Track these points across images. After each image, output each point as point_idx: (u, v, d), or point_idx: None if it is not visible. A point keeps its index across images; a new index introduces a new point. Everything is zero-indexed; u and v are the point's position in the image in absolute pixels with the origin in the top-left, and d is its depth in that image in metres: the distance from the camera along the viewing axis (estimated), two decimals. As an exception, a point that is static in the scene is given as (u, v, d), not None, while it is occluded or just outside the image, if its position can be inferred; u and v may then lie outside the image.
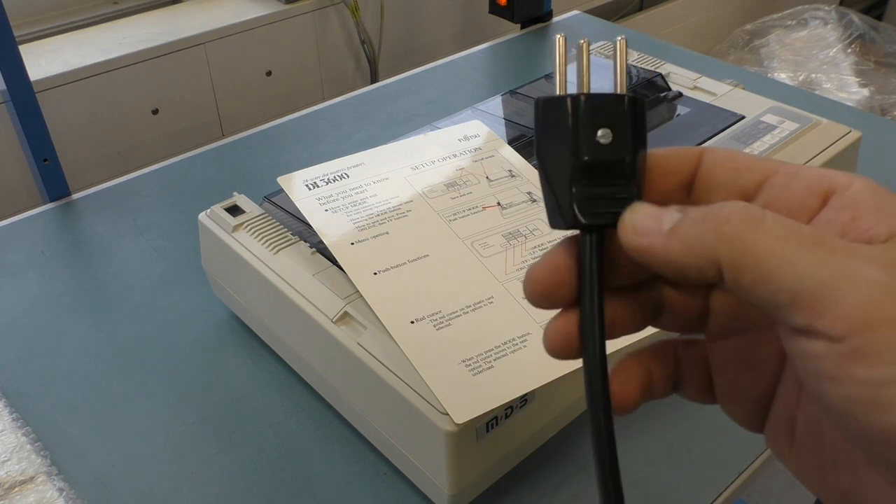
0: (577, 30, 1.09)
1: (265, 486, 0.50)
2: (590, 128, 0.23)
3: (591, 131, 0.23)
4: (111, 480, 0.50)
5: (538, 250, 0.50)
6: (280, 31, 1.09)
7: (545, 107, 0.24)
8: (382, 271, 0.49)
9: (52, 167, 0.75)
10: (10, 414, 0.54)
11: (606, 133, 0.23)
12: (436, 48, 1.30)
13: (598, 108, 0.24)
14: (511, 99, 0.73)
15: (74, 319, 0.63)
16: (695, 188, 0.24)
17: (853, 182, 0.21)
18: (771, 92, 0.74)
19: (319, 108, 0.91)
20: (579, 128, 0.23)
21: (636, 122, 0.24)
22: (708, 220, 0.20)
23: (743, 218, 0.20)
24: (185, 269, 0.67)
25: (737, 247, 0.20)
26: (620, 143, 0.23)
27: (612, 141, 0.23)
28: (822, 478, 0.22)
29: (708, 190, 0.23)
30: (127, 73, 0.96)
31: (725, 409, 0.25)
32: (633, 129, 0.24)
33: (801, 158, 0.62)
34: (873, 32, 1.83)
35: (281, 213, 0.57)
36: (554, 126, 0.24)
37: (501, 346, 0.44)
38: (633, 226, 0.22)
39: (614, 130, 0.23)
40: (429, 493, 0.47)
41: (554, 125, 0.24)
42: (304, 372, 0.55)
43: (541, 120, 0.24)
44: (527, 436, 0.48)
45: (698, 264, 0.21)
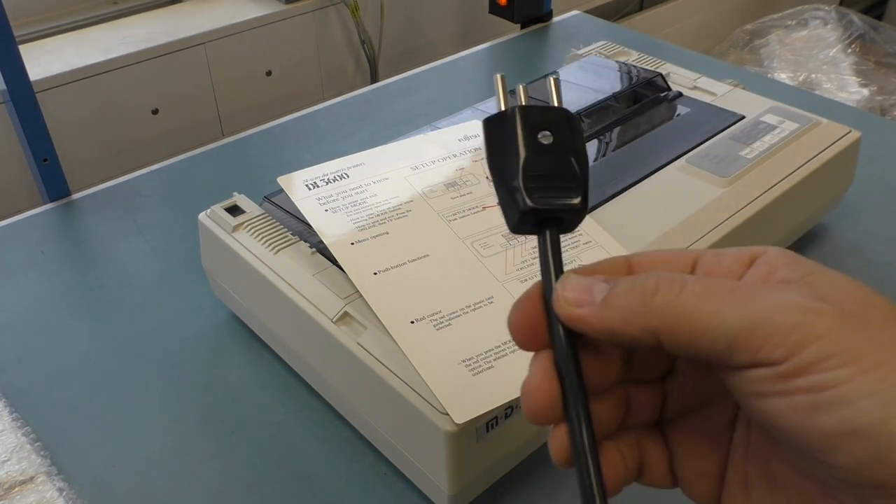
0: (577, 30, 1.09)
1: (265, 486, 0.50)
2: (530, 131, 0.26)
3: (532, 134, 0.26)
4: (111, 480, 0.50)
5: (538, 250, 0.50)
6: (280, 31, 1.09)
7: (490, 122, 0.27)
8: (382, 271, 0.49)
9: (52, 167, 0.75)
10: (10, 414, 0.54)
11: (546, 135, 0.26)
12: (436, 48, 1.29)
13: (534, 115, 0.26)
14: (511, 99, 0.73)
15: (74, 319, 0.63)
16: None
17: (769, 249, 0.24)
18: (771, 92, 0.74)
19: (319, 108, 0.91)
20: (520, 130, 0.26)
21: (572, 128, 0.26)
22: (636, 291, 0.23)
23: (667, 286, 0.22)
24: (185, 269, 0.67)
25: (667, 313, 0.22)
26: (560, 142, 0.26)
27: (553, 141, 0.26)
28: None
29: None
30: (127, 73, 0.96)
31: (685, 490, 0.27)
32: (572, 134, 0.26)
33: (802, 158, 0.62)
34: (873, 32, 1.83)
35: (281, 213, 0.57)
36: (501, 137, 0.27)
37: (501, 346, 0.44)
38: (565, 297, 0.24)
39: (553, 133, 0.26)
40: (429, 493, 0.47)
41: (501, 136, 0.27)
42: (304, 372, 0.55)
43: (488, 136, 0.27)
44: (527, 436, 0.48)
45: (634, 333, 0.22)
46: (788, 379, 0.20)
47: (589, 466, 0.23)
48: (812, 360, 0.20)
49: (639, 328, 0.22)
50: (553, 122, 0.26)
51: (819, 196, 0.66)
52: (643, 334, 0.22)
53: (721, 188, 0.59)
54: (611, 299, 0.23)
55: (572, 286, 0.24)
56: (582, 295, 0.23)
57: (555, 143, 0.26)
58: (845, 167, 0.67)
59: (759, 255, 0.24)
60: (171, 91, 1.02)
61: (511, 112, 0.26)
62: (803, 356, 0.20)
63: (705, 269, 0.25)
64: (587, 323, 0.23)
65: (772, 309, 0.21)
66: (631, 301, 0.23)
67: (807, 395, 0.20)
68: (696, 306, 0.22)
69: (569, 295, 0.24)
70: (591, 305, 0.23)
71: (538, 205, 0.25)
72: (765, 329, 0.20)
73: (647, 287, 0.22)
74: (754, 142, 0.63)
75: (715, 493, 0.26)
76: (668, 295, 0.22)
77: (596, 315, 0.23)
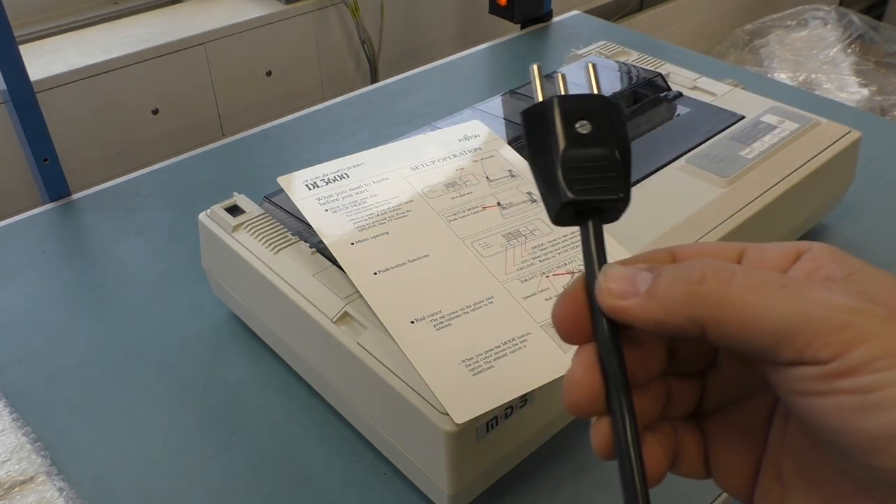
0: (577, 30, 1.09)
1: (265, 486, 0.50)
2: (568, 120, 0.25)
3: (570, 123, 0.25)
4: (111, 480, 0.50)
5: (538, 250, 0.50)
6: (280, 31, 1.09)
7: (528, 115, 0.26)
8: (382, 271, 0.49)
9: (52, 167, 0.75)
10: (10, 414, 0.54)
11: (584, 124, 0.25)
12: (436, 48, 1.29)
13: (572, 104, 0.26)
14: (511, 99, 0.73)
15: (74, 319, 0.63)
16: None
17: (815, 244, 0.24)
18: (771, 92, 0.74)
19: (319, 108, 0.91)
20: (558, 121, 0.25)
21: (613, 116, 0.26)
22: (682, 280, 0.22)
23: (715, 275, 0.22)
24: (185, 269, 0.67)
25: (715, 303, 0.21)
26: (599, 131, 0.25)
27: (592, 130, 0.25)
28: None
29: None
30: (127, 73, 0.96)
31: (718, 481, 0.27)
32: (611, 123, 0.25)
33: (802, 158, 0.62)
34: (873, 32, 1.83)
35: (281, 213, 0.57)
36: (539, 128, 0.26)
37: (501, 346, 0.44)
38: (608, 289, 0.23)
39: (592, 122, 0.25)
40: (429, 493, 0.47)
41: (539, 127, 0.26)
42: (304, 372, 0.55)
43: (527, 127, 0.26)
44: (527, 436, 0.48)
45: (679, 323, 0.22)
46: (835, 379, 0.20)
47: (632, 461, 0.23)
48: (860, 362, 0.20)
49: (684, 318, 0.22)
50: (592, 110, 0.26)
51: (819, 196, 0.66)
52: (689, 325, 0.22)
53: (721, 188, 0.59)
54: (655, 289, 0.22)
55: (615, 277, 0.23)
56: (625, 286, 0.23)
57: (594, 131, 0.25)
58: (845, 167, 0.67)
59: (805, 251, 0.23)
60: (171, 91, 1.01)
61: (549, 102, 0.26)
62: (851, 357, 0.20)
63: (750, 262, 0.24)
64: (631, 314, 0.23)
65: (822, 307, 0.20)
66: (676, 290, 0.22)
67: (853, 396, 0.20)
68: (744, 298, 0.21)
69: (612, 286, 0.23)
70: (636, 296, 0.23)
71: (578, 195, 0.25)
72: (814, 327, 0.20)
73: (693, 276, 0.22)
74: (754, 142, 0.63)
75: (749, 487, 0.26)
76: (716, 284, 0.21)
77: (640, 306, 0.22)
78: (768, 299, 0.21)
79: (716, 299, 0.21)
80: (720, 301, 0.21)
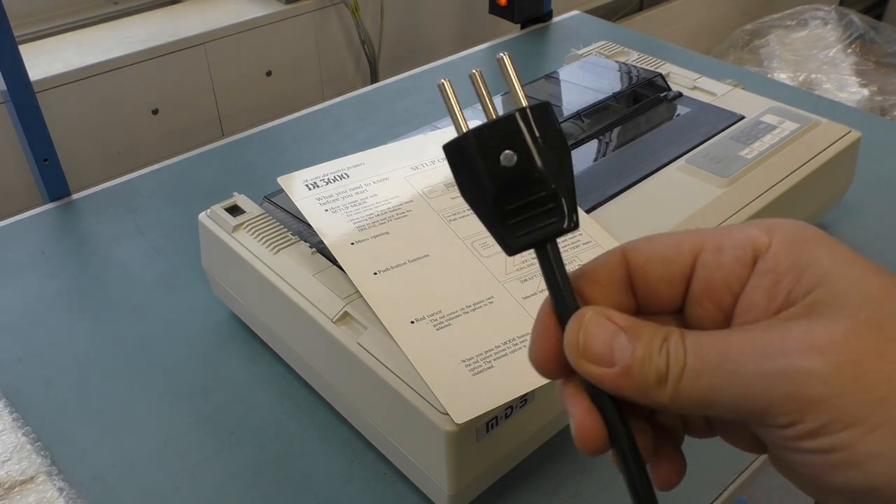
0: (577, 30, 1.09)
1: (265, 486, 0.50)
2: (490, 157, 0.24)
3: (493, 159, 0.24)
4: (111, 480, 0.50)
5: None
6: (280, 31, 1.09)
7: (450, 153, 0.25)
8: (382, 271, 0.49)
9: (52, 167, 0.75)
10: (10, 414, 0.54)
11: (509, 155, 0.24)
12: (436, 48, 1.29)
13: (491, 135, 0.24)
14: (511, 99, 0.73)
15: (74, 319, 0.63)
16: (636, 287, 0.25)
17: (772, 240, 0.23)
18: (771, 92, 0.74)
19: (319, 108, 0.91)
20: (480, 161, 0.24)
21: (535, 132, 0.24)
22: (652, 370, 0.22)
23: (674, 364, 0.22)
24: (185, 269, 0.67)
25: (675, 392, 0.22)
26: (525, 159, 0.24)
27: (518, 161, 0.24)
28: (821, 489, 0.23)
29: (650, 286, 0.25)
30: (127, 73, 0.96)
31: (727, 441, 0.27)
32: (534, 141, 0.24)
33: (802, 158, 0.62)
34: (873, 32, 1.83)
35: (281, 213, 0.57)
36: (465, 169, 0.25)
37: (501, 346, 0.44)
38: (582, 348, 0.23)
39: (516, 149, 0.24)
40: (429, 493, 0.47)
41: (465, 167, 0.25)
42: (304, 372, 0.55)
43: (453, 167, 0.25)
44: (527, 436, 0.48)
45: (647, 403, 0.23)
46: (798, 440, 0.21)
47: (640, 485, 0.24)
48: (816, 427, 0.20)
49: (650, 403, 0.23)
50: (512, 135, 0.24)
51: (819, 196, 0.66)
52: (655, 407, 0.23)
53: (721, 188, 0.59)
54: (629, 369, 0.23)
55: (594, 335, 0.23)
56: (603, 350, 0.23)
57: (520, 162, 0.24)
58: (845, 167, 0.67)
59: (762, 252, 0.23)
60: (171, 91, 1.02)
61: (464, 139, 0.25)
62: (806, 423, 0.20)
63: (706, 271, 0.24)
64: (603, 385, 0.23)
65: (762, 381, 0.21)
66: (646, 376, 0.22)
67: (818, 456, 0.20)
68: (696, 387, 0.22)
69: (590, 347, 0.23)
70: (610, 367, 0.23)
71: (523, 244, 0.24)
72: (762, 402, 0.21)
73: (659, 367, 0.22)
74: (754, 142, 0.63)
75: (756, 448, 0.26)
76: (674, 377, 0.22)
77: (613, 381, 0.23)
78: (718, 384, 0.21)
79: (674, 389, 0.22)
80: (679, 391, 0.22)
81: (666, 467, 0.26)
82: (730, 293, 0.23)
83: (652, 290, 0.25)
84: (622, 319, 0.23)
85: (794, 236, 0.23)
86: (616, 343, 0.23)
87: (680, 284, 0.24)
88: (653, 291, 0.25)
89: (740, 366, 0.21)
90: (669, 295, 0.24)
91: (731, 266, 0.23)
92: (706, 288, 0.24)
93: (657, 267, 0.24)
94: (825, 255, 0.22)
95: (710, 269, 0.24)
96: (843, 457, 0.20)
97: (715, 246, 0.24)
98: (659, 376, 0.22)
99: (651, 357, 0.22)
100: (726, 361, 0.21)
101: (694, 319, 0.25)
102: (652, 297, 0.25)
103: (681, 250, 0.24)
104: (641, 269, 0.25)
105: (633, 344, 0.23)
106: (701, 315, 0.24)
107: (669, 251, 0.24)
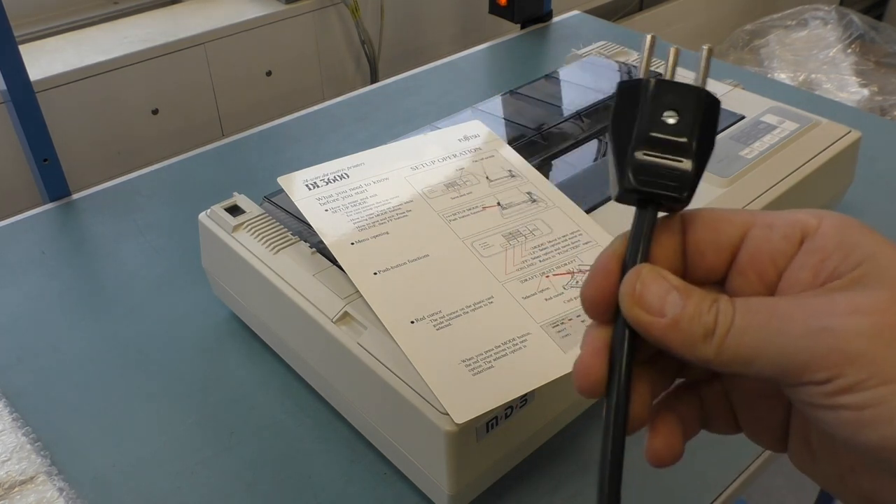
0: (577, 30, 1.09)
1: (265, 486, 0.50)
2: (657, 106, 0.26)
3: (658, 110, 0.25)
4: (111, 480, 0.50)
5: (538, 250, 0.50)
6: (280, 31, 1.09)
7: (623, 88, 0.26)
8: (382, 271, 0.49)
9: (52, 167, 0.75)
10: (10, 414, 0.54)
11: (673, 115, 0.25)
12: (436, 48, 1.29)
13: (669, 91, 0.26)
14: (511, 99, 0.73)
15: (74, 319, 0.63)
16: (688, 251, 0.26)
17: (821, 223, 0.24)
18: (771, 92, 0.74)
19: (319, 108, 0.91)
20: (648, 103, 0.26)
21: (703, 114, 0.25)
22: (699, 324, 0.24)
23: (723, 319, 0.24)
24: (185, 269, 0.67)
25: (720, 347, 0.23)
26: (684, 126, 0.25)
27: (677, 123, 0.25)
28: (844, 484, 0.25)
29: (699, 251, 0.26)
30: (127, 73, 0.96)
31: (750, 437, 0.28)
32: (698, 118, 0.25)
33: (801, 158, 0.62)
34: (873, 32, 1.83)
35: (281, 213, 0.57)
36: (629, 104, 0.26)
37: (501, 346, 0.44)
38: (639, 297, 0.24)
39: (682, 114, 0.25)
40: (429, 493, 0.47)
41: (629, 103, 0.26)
42: (304, 372, 0.55)
43: (618, 100, 0.26)
44: (527, 436, 0.48)
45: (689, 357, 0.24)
46: (834, 396, 0.22)
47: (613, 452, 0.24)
48: (854, 381, 0.21)
49: (694, 357, 0.24)
50: (685, 102, 0.26)
51: (819, 196, 0.66)
52: (698, 362, 0.24)
53: (721, 188, 0.59)
54: (679, 322, 0.24)
55: (650, 289, 0.24)
56: (655, 302, 0.24)
57: (679, 124, 0.25)
58: (845, 167, 0.67)
59: (811, 233, 0.24)
60: (171, 91, 1.01)
61: (646, 82, 0.26)
62: (844, 378, 0.21)
63: (755, 242, 0.25)
64: (650, 333, 0.24)
65: (807, 337, 0.22)
66: (693, 331, 0.24)
67: (852, 412, 0.21)
68: (741, 343, 0.23)
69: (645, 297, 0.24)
70: (660, 317, 0.24)
71: (641, 186, 0.25)
72: (803, 357, 0.22)
73: (707, 323, 0.24)
74: (754, 142, 0.63)
75: (779, 443, 0.27)
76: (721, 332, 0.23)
77: (661, 330, 0.24)
78: (760, 338, 0.23)
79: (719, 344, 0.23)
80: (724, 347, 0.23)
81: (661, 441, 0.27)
82: (774, 267, 0.25)
83: (700, 255, 0.26)
84: (676, 280, 0.24)
85: (842, 222, 0.24)
86: (669, 297, 0.24)
87: (727, 252, 0.25)
88: (700, 256, 0.26)
89: (787, 323, 0.22)
90: (716, 261, 0.26)
91: (779, 242, 0.25)
92: (752, 260, 0.25)
93: (709, 233, 0.26)
94: (870, 239, 0.23)
95: (758, 242, 0.25)
96: (877, 413, 0.21)
97: (766, 223, 0.25)
98: (706, 331, 0.23)
99: (700, 314, 0.24)
100: (774, 318, 0.23)
101: (735, 290, 0.26)
102: (699, 262, 0.26)
103: (733, 221, 0.26)
104: (694, 233, 0.26)
105: (685, 301, 0.24)
106: (743, 286, 0.25)
107: (722, 221, 0.26)
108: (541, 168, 0.61)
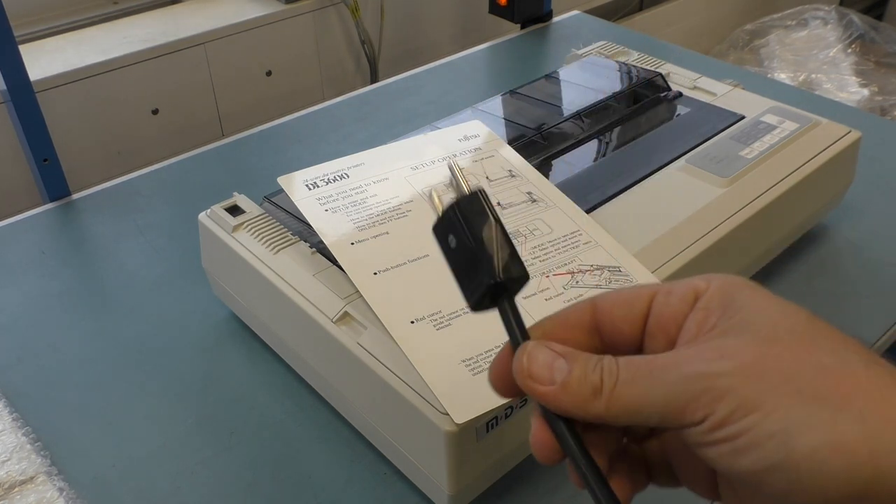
0: (577, 30, 1.09)
1: (265, 486, 0.50)
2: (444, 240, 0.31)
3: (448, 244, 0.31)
4: (111, 480, 0.50)
5: (538, 250, 0.50)
6: (280, 31, 1.09)
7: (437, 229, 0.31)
8: (382, 271, 0.49)
9: (52, 167, 0.75)
10: (10, 414, 0.54)
11: (452, 239, 0.30)
12: (436, 48, 1.29)
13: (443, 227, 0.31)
14: (511, 99, 0.73)
15: (74, 319, 0.63)
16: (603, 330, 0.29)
17: (710, 285, 0.27)
18: (771, 92, 0.74)
19: (319, 108, 0.91)
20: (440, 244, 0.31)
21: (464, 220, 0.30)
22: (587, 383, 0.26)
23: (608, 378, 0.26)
24: (185, 269, 0.67)
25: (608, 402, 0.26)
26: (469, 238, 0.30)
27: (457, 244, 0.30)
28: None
29: (616, 328, 0.29)
30: (127, 73, 0.96)
31: (689, 488, 0.30)
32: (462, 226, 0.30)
33: (802, 158, 0.62)
34: (873, 32, 1.83)
35: (281, 213, 0.57)
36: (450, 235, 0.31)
37: (501, 346, 0.44)
38: (529, 371, 0.27)
39: (457, 237, 0.30)
40: (429, 493, 0.47)
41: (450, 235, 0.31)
42: (304, 372, 0.55)
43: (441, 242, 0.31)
44: (527, 436, 0.47)
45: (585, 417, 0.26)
46: (712, 432, 0.24)
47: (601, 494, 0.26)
48: (724, 415, 0.24)
49: (588, 415, 0.26)
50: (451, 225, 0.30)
51: (819, 196, 0.66)
52: (592, 419, 0.26)
53: (721, 188, 0.59)
54: (567, 385, 0.26)
55: (536, 361, 0.27)
56: (543, 372, 0.27)
57: (459, 244, 0.30)
58: (845, 167, 0.67)
59: (702, 294, 0.27)
60: (171, 91, 1.01)
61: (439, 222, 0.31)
62: (717, 414, 0.24)
63: (658, 309, 0.28)
64: (547, 402, 0.27)
65: (683, 382, 0.25)
66: (582, 391, 0.26)
67: (728, 444, 0.24)
68: (627, 394, 0.25)
69: (533, 369, 0.27)
70: (551, 385, 0.27)
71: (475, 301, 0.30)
72: (682, 400, 0.24)
73: (594, 381, 0.26)
74: (754, 142, 0.63)
75: (715, 492, 0.29)
76: (608, 388, 0.26)
77: (554, 396, 0.27)
78: (643, 389, 0.25)
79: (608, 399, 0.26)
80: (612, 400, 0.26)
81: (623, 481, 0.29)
82: (676, 327, 0.28)
83: (617, 330, 0.29)
84: (560, 348, 0.27)
85: (727, 282, 0.27)
86: (556, 364, 0.27)
87: (640, 322, 0.28)
88: (618, 331, 0.29)
89: (665, 373, 0.25)
90: (632, 333, 0.29)
91: (677, 305, 0.28)
92: (658, 324, 0.28)
93: (621, 310, 0.29)
94: (747, 294, 0.27)
95: (661, 308, 0.28)
96: (747, 440, 0.23)
97: (666, 290, 0.28)
98: (594, 389, 0.26)
99: (586, 375, 0.26)
100: (654, 370, 0.25)
101: (649, 353, 0.28)
102: (617, 336, 0.29)
103: (640, 295, 0.29)
104: (608, 312, 0.29)
105: (571, 365, 0.27)
106: (654, 347, 0.28)
107: (631, 297, 0.29)
108: (541, 168, 0.61)
